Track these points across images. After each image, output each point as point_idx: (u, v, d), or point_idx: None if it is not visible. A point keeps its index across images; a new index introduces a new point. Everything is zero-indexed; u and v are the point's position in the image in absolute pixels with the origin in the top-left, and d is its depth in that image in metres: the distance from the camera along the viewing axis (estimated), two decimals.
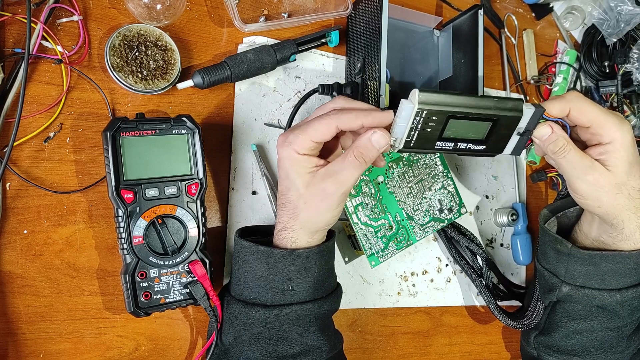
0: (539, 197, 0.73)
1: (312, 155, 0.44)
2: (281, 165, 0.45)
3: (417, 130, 0.44)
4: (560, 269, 0.52)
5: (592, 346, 0.53)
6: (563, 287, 0.52)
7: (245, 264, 0.46)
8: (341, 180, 0.43)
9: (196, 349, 0.52)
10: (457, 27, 0.64)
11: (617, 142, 0.45)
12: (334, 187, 0.43)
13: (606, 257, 0.49)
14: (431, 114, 0.43)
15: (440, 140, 0.45)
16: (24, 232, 0.46)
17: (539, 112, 0.45)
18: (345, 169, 0.42)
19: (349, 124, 0.43)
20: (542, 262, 0.55)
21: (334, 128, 0.42)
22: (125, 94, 0.51)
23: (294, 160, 0.43)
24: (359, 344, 0.60)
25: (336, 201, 0.44)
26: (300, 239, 0.45)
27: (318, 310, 0.46)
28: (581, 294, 0.51)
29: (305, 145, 0.43)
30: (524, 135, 0.47)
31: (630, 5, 0.70)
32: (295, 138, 0.43)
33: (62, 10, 0.49)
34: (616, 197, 0.46)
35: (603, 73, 0.75)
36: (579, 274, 0.51)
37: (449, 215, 0.59)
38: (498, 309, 0.60)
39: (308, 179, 0.43)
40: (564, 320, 0.54)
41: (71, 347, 0.47)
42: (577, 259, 0.51)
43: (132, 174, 0.45)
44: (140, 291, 0.45)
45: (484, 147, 0.47)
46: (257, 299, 0.45)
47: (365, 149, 0.42)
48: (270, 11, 0.59)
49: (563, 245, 0.51)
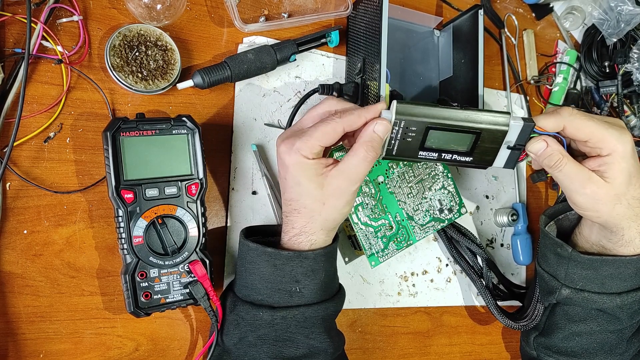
0: (539, 197, 0.73)
1: (320, 158, 0.45)
2: (289, 172, 0.44)
3: (397, 140, 0.46)
4: (560, 272, 0.52)
5: (591, 348, 0.53)
6: (563, 290, 0.52)
7: (252, 265, 0.46)
8: (354, 175, 0.44)
9: (196, 349, 0.52)
10: (457, 27, 0.64)
11: (616, 154, 0.45)
12: (347, 183, 0.44)
13: (606, 261, 0.49)
14: (409, 124, 0.45)
15: (423, 150, 0.47)
16: (24, 232, 0.46)
17: (529, 126, 0.45)
18: (356, 165, 0.44)
19: (354, 123, 0.45)
20: (542, 265, 0.55)
21: (340, 131, 0.44)
22: (125, 94, 0.51)
23: (305, 166, 0.44)
24: (359, 344, 0.60)
25: (351, 196, 0.45)
26: (319, 240, 0.46)
27: (324, 312, 0.46)
28: (581, 297, 0.51)
29: (314, 150, 0.43)
30: (515, 149, 0.47)
31: (630, 5, 0.70)
32: (304, 144, 0.43)
33: (62, 10, 0.49)
34: (615, 207, 0.46)
35: (603, 73, 0.75)
36: (579, 277, 0.51)
37: (449, 215, 0.59)
38: (498, 310, 0.60)
39: (321, 181, 0.44)
40: (563, 322, 0.54)
41: (71, 347, 0.47)
42: (577, 263, 0.50)
43: (132, 174, 0.45)
44: (140, 291, 0.45)
45: (470, 158, 0.48)
46: (264, 301, 0.45)
47: (371, 139, 0.44)
48: (270, 11, 0.59)
49: (563, 249, 0.51)
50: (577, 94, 0.74)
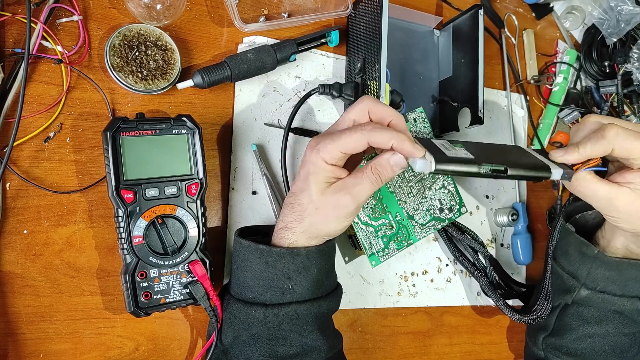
0: (539, 197, 0.73)
1: (338, 167, 0.44)
2: (305, 166, 0.44)
3: None
4: (582, 272, 0.52)
5: (602, 350, 0.53)
6: (582, 290, 0.52)
7: (244, 263, 0.46)
8: (355, 194, 0.43)
9: (196, 349, 0.52)
10: (457, 27, 0.64)
11: None
12: (347, 200, 0.43)
13: (633, 264, 0.49)
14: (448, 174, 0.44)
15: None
16: (24, 232, 0.46)
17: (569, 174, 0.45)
18: (360, 184, 0.43)
19: (380, 142, 0.42)
20: (561, 263, 0.55)
21: (365, 143, 0.42)
22: (125, 94, 0.51)
23: (319, 168, 0.43)
24: (359, 344, 0.60)
25: (346, 214, 0.44)
26: (299, 241, 0.45)
27: (317, 309, 0.46)
28: (600, 298, 0.51)
29: (334, 156, 0.42)
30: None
31: (630, 5, 0.70)
32: (325, 147, 0.42)
33: (62, 10, 0.49)
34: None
35: (603, 73, 0.75)
36: (602, 278, 0.51)
37: (449, 214, 0.59)
38: (505, 305, 0.59)
39: (324, 187, 0.43)
40: (577, 323, 0.54)
41: (71, 347, 0.47)
42: (603, 263, 0.50)
43: (132, 174, 0.45)
44: (140, 291, 0.45)
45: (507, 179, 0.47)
46: (256, 298, 0.45)
47: (383, 169, 0.43)
48: (270, 11, 0.59)
49: (590, 248, 0.51)
50: (577, 93, 0.74)
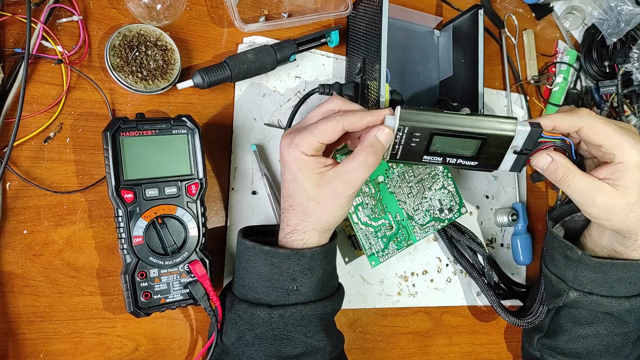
0: (539, 197, 0.73)
1: (320, 156, 0.44)
2: (287, 168, 0.45)
3: (401, 144, 0.46)
4: (568, 275, 0.52)
5: (596, 350, 0.53)
6: (571, 293, 0.52)
7: (249, 263, 0.46)
8: (352, 179, 0.43)
9: (196, 349, 0.52)
10: (457, 27, 0.64)
11: (630, 163, 0.44)
12: (345, 186, 0.44)
13: (617, 265, 0.49)
14: (414, 130, 0.44)
15: (427, 155, 0.47)
16: (24, 232, 0.46)
17: (536, 132, 0.45)
18: (355, 169, 0.43)
19: (355, 124, 0.44)
20: (549, 267, 0.55)
21: (340, 129, 0.43)
22: (125, 94, 0.51)
23: (302, 162, 0.43)
24: (359, 344, 0.60)
25: (347, 200, 0.45)
26: (311, 239, 0.46)
27: (322, 310, 0.46)
28: (589, 301, 0.51)
29: (312, 147, 0.43)
30: (522, 153, 0.47)
31: (630, 5, 0.70)
32: (302, 140, 0.43)
33: (62, 10, 0.49)
34: (629, 215, 0.46)
35: (603, 73, 0.75)
36: (588, 280, 0.51)
37: (449, 215, 0.59)
38: (501, 307, 0.59)
39: (317, 179, 0.44)
40: (569, 325, 0.54)
41: (71, 347, 0.47)
42: (587, 266, 0.50)
43: (132, 174, 0.45)
44: (140, 291, 0.45)
45: (476, 162, 0.48)
46: (261, 299, 0.45)
47: (374, 146, 0.43)
48: (270, 11, 0.59)
49: (573, 252, 0.51)
50: (577, 93, 0.74)
